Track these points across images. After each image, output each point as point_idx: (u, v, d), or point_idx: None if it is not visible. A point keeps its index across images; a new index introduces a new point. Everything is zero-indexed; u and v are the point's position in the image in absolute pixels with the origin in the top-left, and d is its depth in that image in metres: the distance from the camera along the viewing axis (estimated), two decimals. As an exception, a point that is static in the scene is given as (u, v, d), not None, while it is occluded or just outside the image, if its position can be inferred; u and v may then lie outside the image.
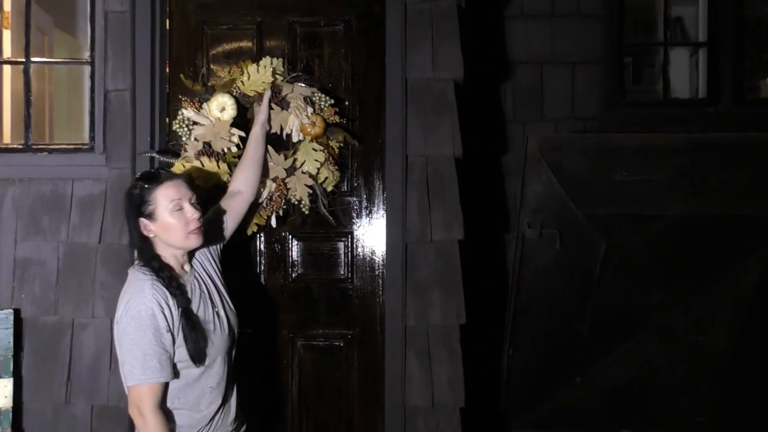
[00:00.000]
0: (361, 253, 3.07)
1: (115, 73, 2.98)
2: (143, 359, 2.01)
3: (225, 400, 2.26)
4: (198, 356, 2.12)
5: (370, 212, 3.06)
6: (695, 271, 3.29)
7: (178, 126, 2.80)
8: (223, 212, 2.51)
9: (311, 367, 3.08)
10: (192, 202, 2.18)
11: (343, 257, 3.08)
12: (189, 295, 2.17)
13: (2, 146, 3.23)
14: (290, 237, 3.07)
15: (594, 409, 3.72)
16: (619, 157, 2.97)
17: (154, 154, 2.86)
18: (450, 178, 2.96)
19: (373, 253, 3.06)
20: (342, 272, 3.08)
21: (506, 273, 3.84)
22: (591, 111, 3.91)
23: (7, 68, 4.13)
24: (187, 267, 2.26)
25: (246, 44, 3.08)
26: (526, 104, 3.95)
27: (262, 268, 3.08)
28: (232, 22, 3.08)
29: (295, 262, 3.08)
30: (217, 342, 2.20)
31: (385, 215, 3.02)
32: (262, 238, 3.07)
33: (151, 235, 2.17)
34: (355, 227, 3.07)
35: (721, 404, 3.70)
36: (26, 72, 3.13)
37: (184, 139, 2.81)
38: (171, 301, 2.08)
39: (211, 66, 3.04)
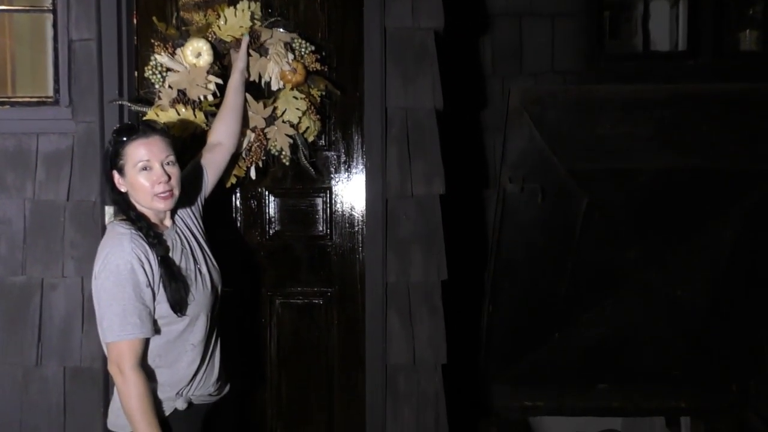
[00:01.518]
0: (339, 209, 3.00)
1: (79, 21, 2.84)
2: (123, 315, 1.94)
3: (208, 359, 2.21)
4: (179, 305, 2.05)
5: (349, 167, 2.98)
6: (675, 227, 3.28)
7: (150, 72, 2.68)
8: (203, 166, 2.43)
9: (290, 325, 3.02)
10: (166, 163, 2.07)
11: (321, 213, 3.00)
12: (170, 248, 2.10)
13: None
14: (267, 193, 2.99)
15: (572, 365, 3.76)
16: (601, 110, 2.92)
17: (124, 102, 2.73)
18: (431, 131, 2.88)
19: (352, 208, 2.99)
20: (320, 229, 3.00)
21: (485, 230, 3.80)
22: (571, 65, 3.85)
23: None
24: (167, 222, 2.19)
25: (217, -10, 2.94)
26: (506, 58, 3.88)
27: (239, 225, 3.00)
28: (203, -33, 2.94)
29: (273, 219, 3.00)
30: (200, 298, 2.13)
31: (364, 170, 2.94)
32: (238, 194, 2.98)
33: (123, 189, 2.08)
34: (333, 182, 2.99)
35: (697, 359, 3.73)
36: (-16, 22, 2.98)
37: (157, 86, 2.68)
38: (151, 256, 2.01)
39: (182, 14, 2.89)
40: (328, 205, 3.00)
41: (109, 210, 2.68)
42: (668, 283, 3.46)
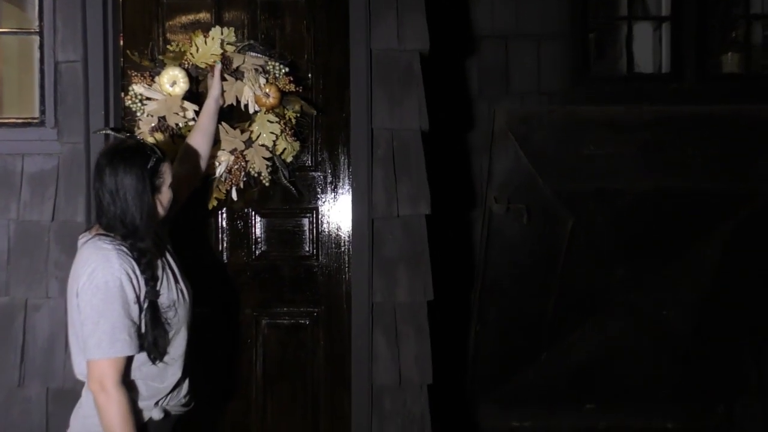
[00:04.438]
0: (326, 230, 3.00)
1: (65, 43, 2.86)
2: (112, 332, 1.92)
3: (185, 372, 2.20)
4: (154, 353, 2.03)
5: (336, 188, 2.99)
6: (659, 247, 3.30)
7: (131, 102, 2.72)
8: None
9: (276, 346, 3.01)
10: None
11: (307, 234, 3.00)
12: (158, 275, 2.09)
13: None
14: (253, 213, 2.99)
15: (559, 385, 3.75)
16: (586, 131, 2.95)
17: (108, 131, 2.73)
18: (416, 152, 2.90)
19: (338, 229, 2.99)
20: (307, 249, 3.00)
21: (472, 250, 3.81)
22: (556, 86, 3.88)
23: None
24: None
25: (204, 15, 2.96)
26: (492, 79, 3.90)
27: (224, 245, 2.99)
28: (189, -10, 2.97)
29: (259, 239, 3.00)
30: (181, 313, 2.14)
31: (350, 190, 2.94)
32: (224, 215, 2.98)
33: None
34: (320, 203, 3.00)
35: (684, 377, 3.73)
36: (-29, 43, 2.98)
37: (138, 114, 2.72)
38: (138, 270, 2.00)
39: (168, 37, 2.92)
40: (315, 225, 3.00)
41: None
42: (654, 303, 3.47)
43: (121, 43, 2.93)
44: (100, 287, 1.93)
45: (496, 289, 3.40)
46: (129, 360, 2.00)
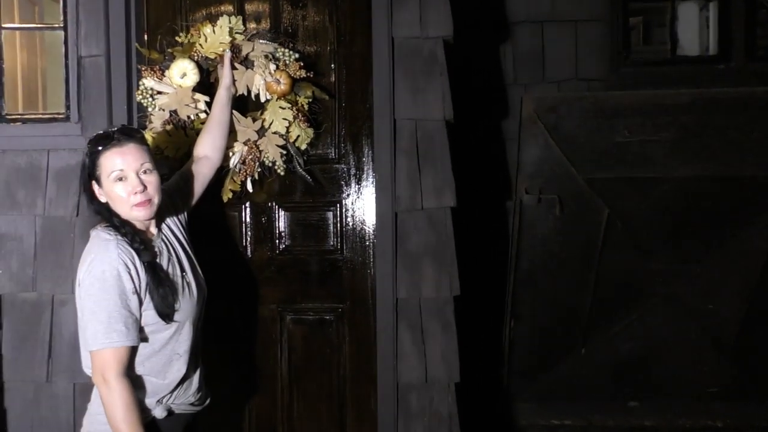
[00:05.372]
0: (350, 223, 2.94)
1: (88, 38, 2.84)
2: (108, 322, 1.90)
3: (191, 370, 2.16)
4: (166, 311, 2.01)
5: (359, 180, 2.92)
6: (702, 236, 3.15)
7: (141, 97, 2.70)
8: (188, 177, 2.42)
9: (301, 342, 2.96)
10: (142, 171, 2.02)
11: (332, 227, 2.95)
12: (157, 254, 2.08)
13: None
14: (277, 207, 2.94)
15: (600, 381, 3.62)
16: (619, 117, 2.81)
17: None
18: (441, 142, 2.81)
19: (363, 222, 2.93)
20: (331, 243, 2.95)
21: (508, 241, 3.69)
22: (595, 72, 3.74)
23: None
24: (153, 229, 2.15)
25: (226, 7, 2.91)
26: (527, 66, 3.79)
27: (248, 240, 2.96)
28: (211, -18, 2.93)
29: (283, 234, 2.95)
30: (185, 307, 2.10)
31: (374, 183, 2.87)
32: (248, 209, 2.94)
33: (103, 200, 2.05)
34: (344, 196, 2.93)
35: (732, 374, 3.56)
36: (-3, 39, 3.00)
37: (150, 109, 2.70)
38: (137, 262, 1.98)
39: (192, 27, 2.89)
40: (339, 219, 2.94)
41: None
42: (698, 294, 3.31)
43: (146, 37, 2.91)
44: (98, 277, 1.92)
45: (530, 283, 3.30)
46: (132, 352, 1.97)
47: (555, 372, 3.57)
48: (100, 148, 2.01)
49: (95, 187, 2.04)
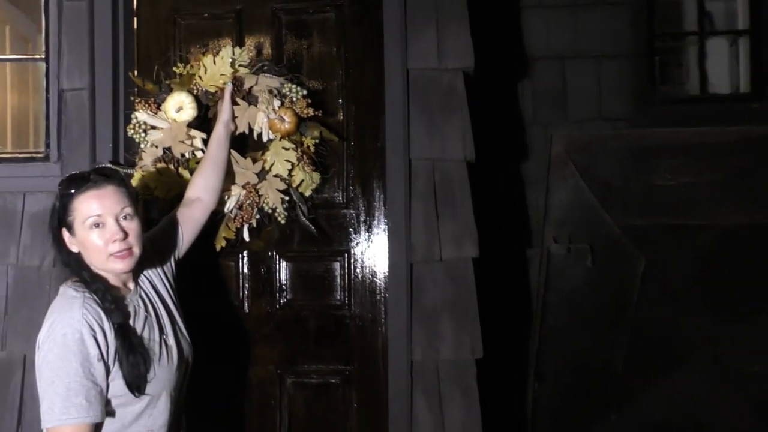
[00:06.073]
0: (359, 275, 2.64)
1: (71, 70, 2.63)
2: (66, 394, 1.61)
3: None
4: (136, 383, 1.72)
5: (370, 227, 2.64)
6: (750, 291, 2.86)
7: (133, 131, 2.46)
8: (178, 222, 2.15)
9: (303, 408, 2.65)
10: (122, 216, 1.77)
11: (339, 280, 2.66)
12: (130, 315, 1.80)
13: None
14: (277, 257, 2.66)
15: (632, 450, 3.29)
16: (658, 157, 2.60)
17: (106, 165, 2.46)
18: (461, 185, 2.54)
19: (373, 274, 2.64)
20: (338, 297, 2.66)
21: (529, 294, 3.41)
22: (620, 110, 3.51)
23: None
24: (131, 285, 1.88)
25: (224, 36, 2.69)
26: (548, 104, 3.56)
27: (245, 293, 2.67)
28: (208, 10, 2.72)
29: (284, 286, 2.67)
30: (163, 375, 1.81)
31: (386, 230, 2.59)
32: (245, 259, 2.67)
33: (74, 250, 1.78)
34: (352, 244, 2.65)
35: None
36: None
37: (142, 145, 2.45)
38: (106, 324, 1.70)
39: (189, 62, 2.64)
40: (347, 270, 2.65)
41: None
42: (743, 356, 3.01)
43: (136, 70, 2.66)
44: (57, 341, 1.65)
45: (557, 340, 3.01)
46: (96, 429, 1.67)
47: (584, 439, 3.26)
48: (73, 191, 1.76)
49: (65, 235, 1.78)
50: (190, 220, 2.17)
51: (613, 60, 3.51)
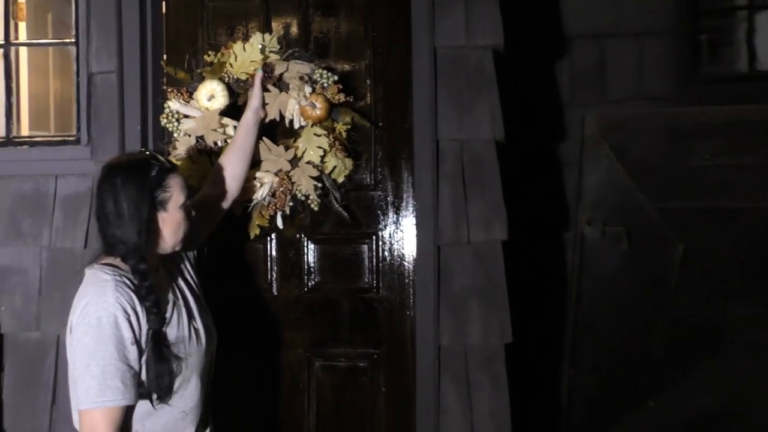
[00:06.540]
0: (388, 258, 2.61)
1: (99, 52, 2.63)
2: (102, 377, 1.62)
3: (200, 428, 1.88)
4: (159, 392, 1.72)
5: (398, 209, 2.60)
6: (795, 276, 2.73)
7: (166, 120, 2.46)
8: (199, 210, 2.11)
9: (331, 391, 2.64)
10: None
11: (366, 262, 2.63)
12: (167, 319, 1.78)
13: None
14: (305, 240, 2.64)
15: (672, 439, 3.20)
16: (697, 137, 2.49)
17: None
18: (490, 166, 2.48)
19: (402, 257, 2.60)
20: (366, 280, 2.63)
21: (566, 279, 3.33)
22: (662, 90, 3.37)
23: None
24: (161, 271, 1.88)
25: (252, 18, 2.67)
26: (586, 84, 3.45)
27: (274, 276, 2.66)
28: (235, -9, 2.68)
29: (312, 269, 2.65)
30: (194, 358, 1.82)
31: (414, 212, 2.55)
32: (273, 242, 2.65)
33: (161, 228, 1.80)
34: (380, 227, 2.61)
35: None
36: (6, 57, 2.79)
37: (175, 134, 2.45)
38: (139, 307, 1.69)
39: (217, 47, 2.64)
40: (375, 252, 2.62)
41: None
42: (788, 343, 2.90)
43: (165, 54, 2.66)
44: (92, 324, 1.64)
45: (592, 326, 2.94)
46: (128, 410, 1.69)
47: (620, 428, 3.17)
48: (169, 167, 1.80)
49: (159, 212, 1.78)
50: (212, 207, 2.16)
51: (654, 38, 3.38)
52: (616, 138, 2.47)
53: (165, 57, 2.67)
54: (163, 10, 2.72)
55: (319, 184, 2.44)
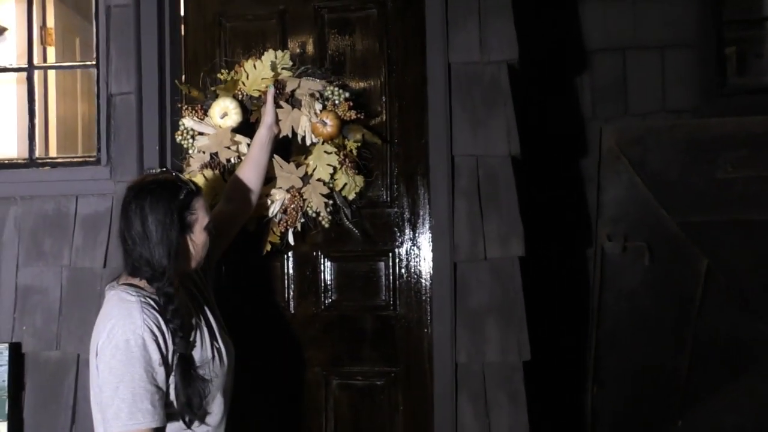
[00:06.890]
0: (404, 275, 2.59)
1: (119, 74, 2.68)
2: (132, 400, 1.62)
3: None
4: (192, 416, 1.73)
5: (414, 226, 2.58)
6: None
7: (181, 137, 2.48)
8: (218, 226, 2.12)
9: (348, 410, 2.61)
10: None
11: (383, 280, 2.61)
12: (194, 344, 1.80)
13: (5, 161, 2.91)
14: (322, 257, 2.63)
15: (701, 460, 3.11)
16: (720, 149, 2.44)
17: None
18: (506, 181, 2.45)
19: (419, 274, 2.58)
20: (383, 297, 2.61)
21: (588, 296, 3.27)
22: (685, 103, 3.30)
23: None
24: (181, 291, 1.88)
25: (268, 37, 2.69)
26: (608, 98, 3.39)
27: (291, 294, 2.65)
28: (252, 12, 2.71)
29: (329, 287, 2.63)
30: (219, 378, 1.84)
31: (431, 229, 2.53)
32: (290, 260, 2.64)
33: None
34: (396, 244, 2.60)
35: None
36: (29, 80, 2.84)
37: (190, 151, 2.47)
38: (164, 326, 1.70)
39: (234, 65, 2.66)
40: (392, 270, 2.60)
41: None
42: (819, 361, 2.80)
43: (183, 74, 2.70)
44: (120, 347, 1.64)
45: (616, 344, 2.89)
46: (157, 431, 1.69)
47: (646, 448, 3.10)
48: (196, 190, 1.82)
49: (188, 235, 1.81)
50: (226, 225, 2.15)
51: (677, 50, 3.32)
52: (635, 151, 2.43)
53: (184, 77, 2.70)
54: (182, 32, 2.76)
55: (330, 201, 2.44)
